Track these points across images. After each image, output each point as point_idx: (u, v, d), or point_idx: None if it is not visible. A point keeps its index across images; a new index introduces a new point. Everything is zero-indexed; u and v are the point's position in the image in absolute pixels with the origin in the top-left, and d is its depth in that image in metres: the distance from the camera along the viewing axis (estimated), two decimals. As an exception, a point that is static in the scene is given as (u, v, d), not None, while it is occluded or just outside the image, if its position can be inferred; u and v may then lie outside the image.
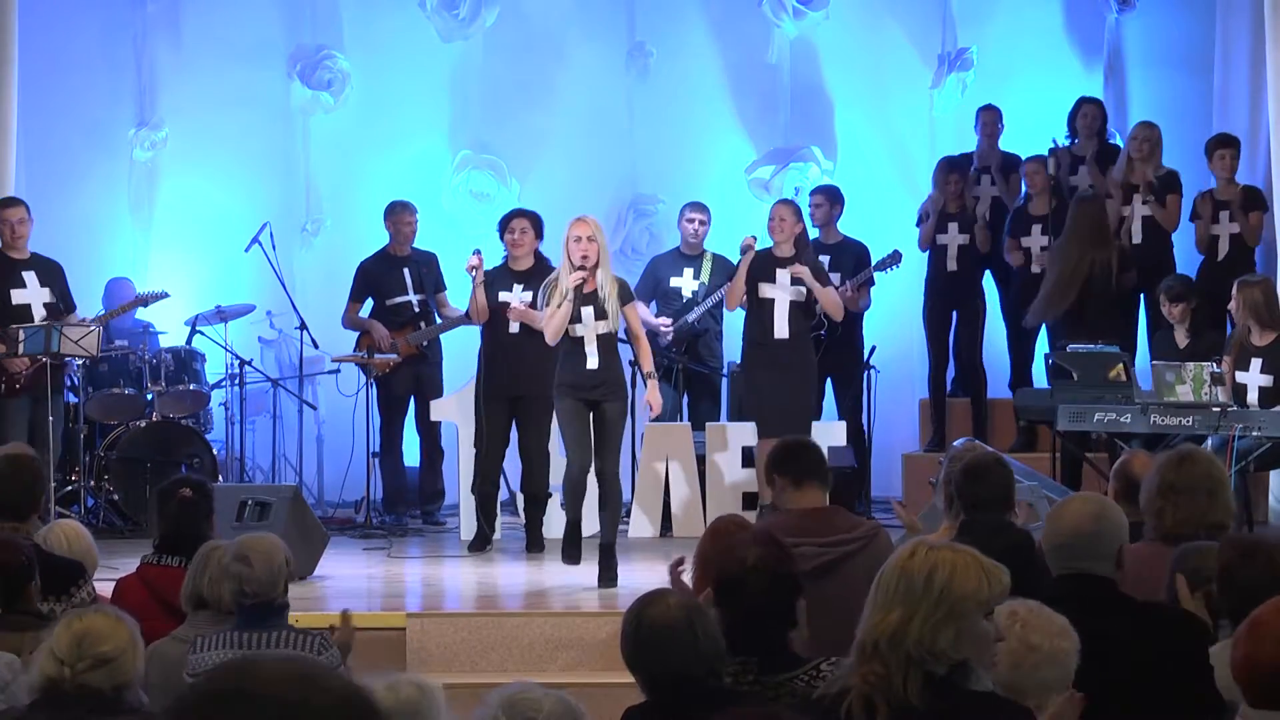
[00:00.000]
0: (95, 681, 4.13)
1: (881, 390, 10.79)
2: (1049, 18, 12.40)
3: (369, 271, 10.93)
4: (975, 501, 5.80)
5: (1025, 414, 10.20)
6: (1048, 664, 3.72)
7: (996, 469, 5.93)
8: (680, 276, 10.97)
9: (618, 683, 4.38)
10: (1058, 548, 4.53)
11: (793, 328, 9.64)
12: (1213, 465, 5.41)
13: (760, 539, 4.49)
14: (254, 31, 12.29)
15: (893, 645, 3.40)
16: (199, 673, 5.13)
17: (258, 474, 11.67)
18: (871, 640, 3.43)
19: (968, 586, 3.44)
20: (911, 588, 3.42)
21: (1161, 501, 5.25)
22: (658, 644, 3.95)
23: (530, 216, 9.75)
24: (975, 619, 3.43)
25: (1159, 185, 10.75)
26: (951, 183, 11.18)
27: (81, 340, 9.73)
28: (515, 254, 9.64)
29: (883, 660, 3.40)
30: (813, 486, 5.94)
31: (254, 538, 5.43)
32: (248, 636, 5.19)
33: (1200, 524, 5.18)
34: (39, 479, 6.50)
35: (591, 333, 8.45)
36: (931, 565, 3.44)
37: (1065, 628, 3.77)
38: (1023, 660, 3.69)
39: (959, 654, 3.42)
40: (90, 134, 12.12)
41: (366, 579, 8.96)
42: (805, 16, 12.36)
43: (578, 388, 8.51)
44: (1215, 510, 5.26)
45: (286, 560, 5.36)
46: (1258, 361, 9.25)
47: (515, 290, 9.54)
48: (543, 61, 12.40)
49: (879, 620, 3.43)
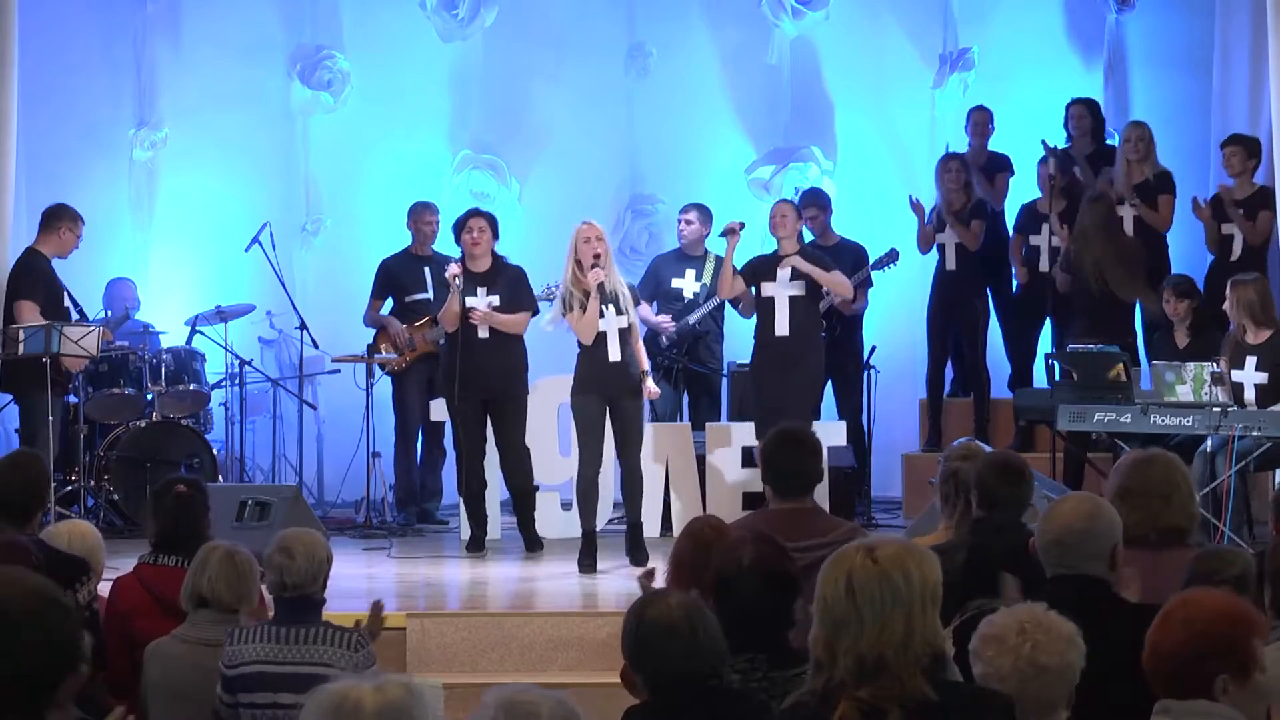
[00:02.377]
0: None
1: (881, 390, 10.79)
2: (1049, 17, 12.41)
3: (391, 269, 10.92)
4: (997, 501, 5.67)
5: (1025, 414, 10.20)
6: (1056, 681, 3.69)
7: (1028, 474, 5.80)
8: (682, 277, 10.97)
9: (618, 683, 4.38)
10: (1049, 546, 4.53)
11: (794, 324, 9.62)
12: (1172, 469, 5.34)
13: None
14: (254, 31, 12.29)
15: (900, 653, 3.38)
16: (235, 664, 5.17)
17: (258, 474, 11.67)
18: (874, 654, 3.39)
19: (934, 572, 3.47)
20: (897, 591, 3.40)
21: (1118, 504, 5.22)
22: (659, 644, 3.95)
23: (487, 216, 9.67)
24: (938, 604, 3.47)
25: (1152, 185, 10.74)
26: (953, 170, 11.14)
27: (81, 340, 9.73)
28: (474, 253, 9.54)
29: (892, 671, 3.38)
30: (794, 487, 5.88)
31: (298, 531, 5.48)
32: (285, 631, 5.22)
33: (1153, 527, 5.15)
34: (44, 480, 6.47)
35: (614, 327, 8.73)
36: (898, 563, 3.43)
37: (1072, 637, 3.72)
38: (1030, 680, 3.65)
39: (939, 641, 3.45)
40: (90, 134, 12.12)
41: (366, 579, 8.96)
42: (805, 16, 12.36)
43: (600, 381, 8.71)
44: (1169, 514, 5.22)
45: (328, 557, 5.40)
46: (1252, 360, 9.25)
47: (480, 294, 9.48)
48: (543, 62, 12.40)
49: (875, 636, 3.39)
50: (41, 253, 10.14)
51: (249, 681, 5.17)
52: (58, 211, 10.22)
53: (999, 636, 3.70)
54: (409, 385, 10.85)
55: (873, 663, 3.39)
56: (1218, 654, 3.58)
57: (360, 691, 2.85)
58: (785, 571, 4.30)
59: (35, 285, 10.02)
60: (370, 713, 2.82)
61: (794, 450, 5.92)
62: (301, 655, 5.19)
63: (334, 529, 10.06)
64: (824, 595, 3.47)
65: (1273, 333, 9.29)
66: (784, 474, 5.89)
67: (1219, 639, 3.59)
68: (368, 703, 2.83)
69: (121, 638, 5.84)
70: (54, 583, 2.54)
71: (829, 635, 3.45)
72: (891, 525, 10.42)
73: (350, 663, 5.17)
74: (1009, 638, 3.67)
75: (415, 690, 2.88)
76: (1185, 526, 5.27)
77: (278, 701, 5.15)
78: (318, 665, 5.13)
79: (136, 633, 5.75)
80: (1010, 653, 3.66)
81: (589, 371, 8.78)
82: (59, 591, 2.60)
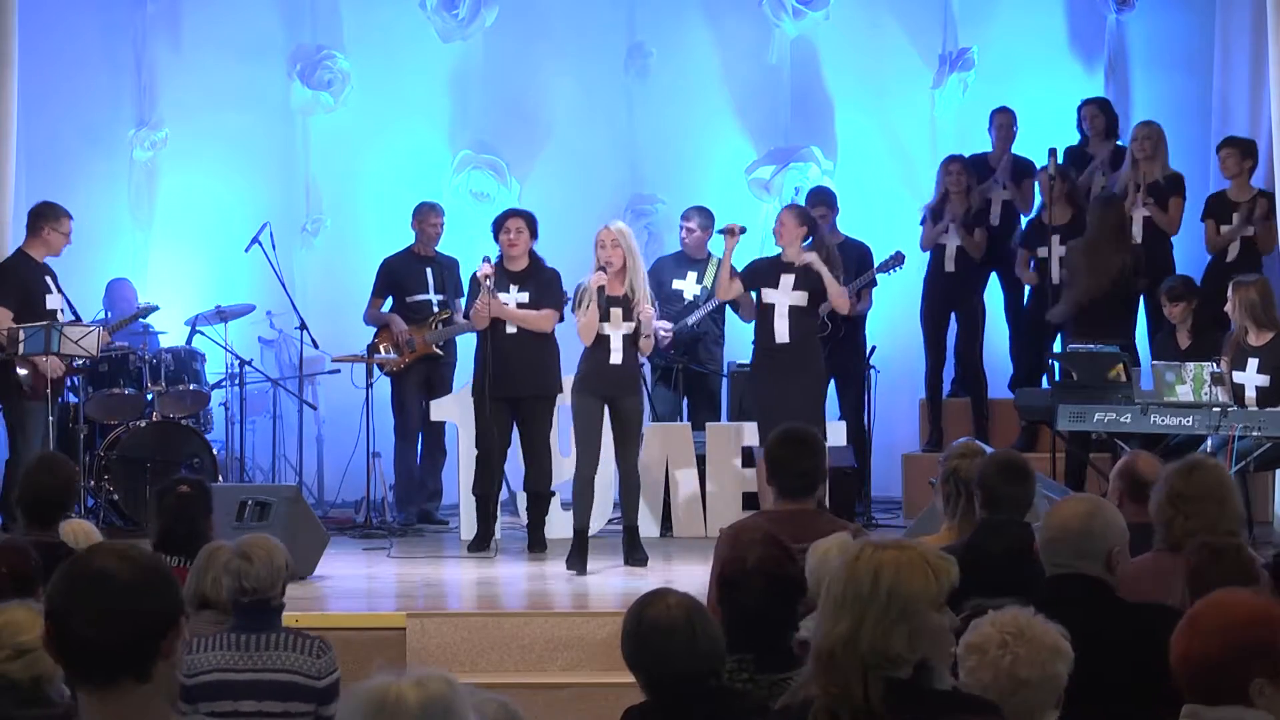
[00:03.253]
0: (12, 672, 4.15)
1: (881, 390, 10.79)
2: (1050, 18, 12.40)
3: (393, 268, 10.92)
4: (1000, 501, 5.65)
5: (1026, 414, 10.20)
6: (1036, 693, 3.67)
7: (1031, 474, 5.80)
8: (683, 279, 10.97)
9: (618, 683, 4.38)
10: (1048, 545, 4.54)
11: (794, 332, 9.63)
12: (1222, 473, 5.39)
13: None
14: (254, 31, 12.29)
15: (847, 654, 3.33)
16: (195, 674, 5.13)
17: (258, 474, 11.67)
18: (826, 650, 3.37)
19: (914, 585, 3.39)
20: (859, 593, 3.36)
21: (1172, 511, 5.23)
22: (658, 643, 3.95)
23: (525, 216, 9.74)
24: (927, 616, 3.39)
25: (1163, 186, 10.74)
26: (953, 173, 11.14)
27: (81, 340, 9.73)
28: (511, 254, 9.63)
29: (839, 670, 3.34)
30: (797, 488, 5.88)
31: (256, 537, 5.44)
32: (244, 638, 5.19)
33: (1211, 533, 5.15)
34: (75, 482, 6.63)
35: (618, 332, 8.78)
36: (876, 567, 3.38)
37: (1056, 647, 3.67)
38: (1010, 694, 3.64)
39: (915, 654, 3.37)
40: (90, 134, 12.12)
41: (366, 579, 8.97)
42: (805, 16, 12.35)
43: (599, 380, 8.74)
44: (1225, 519, 5.24)
45: (286, 563, 5.36)
46: (1254, 361, 9.24)
47: (512, 291, 9.54)
48: (543, 61, 12.40)
49: (829, 629, 3.37)
50: (29, 255, 10.12)
51: (209, 690, 5.12)
52: (39, 211, 10.20)
53: (981, 646, 3.67)
54: (407, 386, 10.85)
55: (825, 658, 3.36)
56: (1254, 657, 3.47)
57: (401, 687, 2.84)
58: (789, 575, 4.30)
59: (6, 289, 10.01)
60: (414, 707, 2.82)
61: (796, 451, 5.93)
62: (262, 662, 5.15)
63: (334, 529, 10.05)
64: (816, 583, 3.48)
65: (1275, 334, 9.28)
66: (787, 475, 5.90)
67: (1255, 642, 3.48)
68: (410, 698, 2.83)
69: (122, 638, 5.82)
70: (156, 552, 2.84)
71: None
72: (891, 525, 10.42)
73: (314, 669, 5.15)
74: (989, 649, 3.65)
75: (456, 685, 2.87)
76: (1235, 530, 5.28)
77: (239, 710, 5.12)
78: (280, 671, 5.12)
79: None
80: (990, 666, 3.64)
81: (589, 371, 8.85)
82: (159, 559, 2.99)
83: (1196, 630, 3.53)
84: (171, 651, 2.91)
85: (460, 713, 2.85)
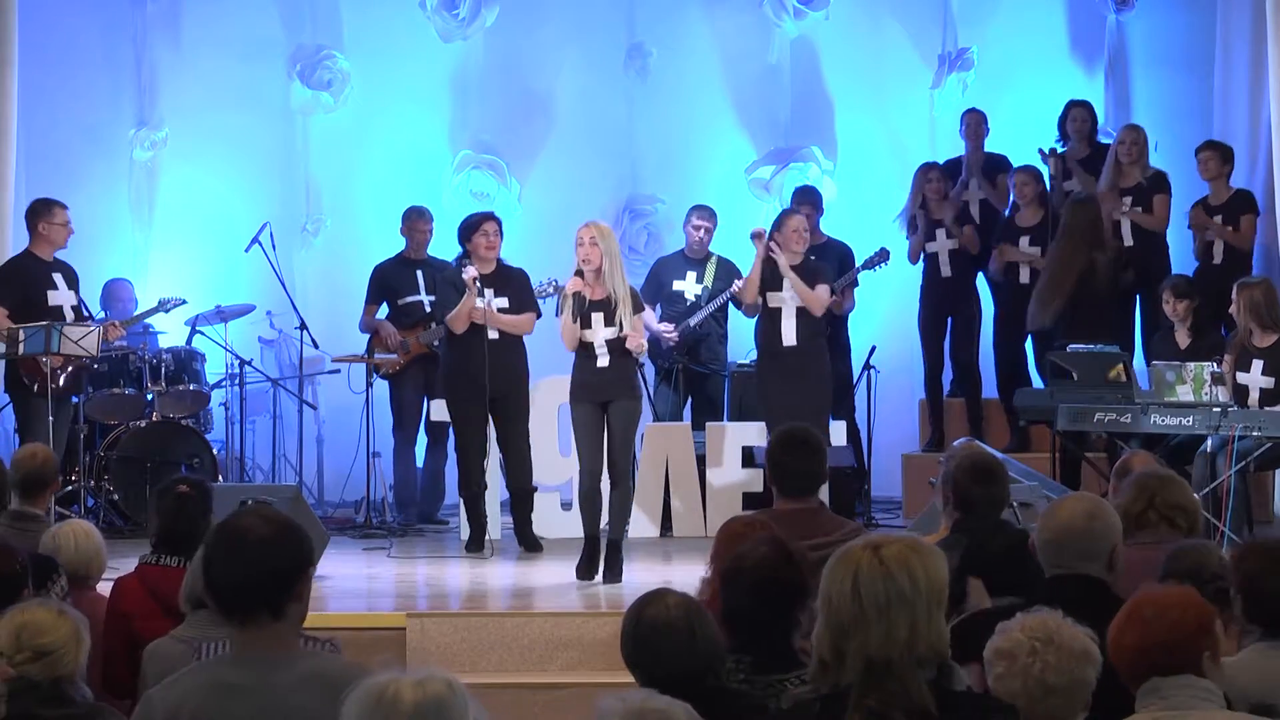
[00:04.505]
0: (33, 673, 4.16)
1: (881, 390, 10.77)
2: (1049, 18, 12.40)
3: (385, 273, 10.94)
4: (972, 502, 5.72)
5: (1025, 414, 10.19)
6: (1066, 700, 3.65)
7: (1000, 474, 5.86)
8: (684, 280, 10.95)
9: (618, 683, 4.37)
10: (1048, 545, 4.54)
11: (800, 334, 9.64)
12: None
13: (770, 541, 4.46)
14: (254, 31, 12.29)
15: (904, 657, 3.32)
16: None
17: (258, 474, 11.67)
18: (883, 658, 3.32)
19: (939, 572, 3.41)
20: (902, 592, 3.34)
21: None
22: (657, 643, 3.95)
23: (498, 221, 9.74)
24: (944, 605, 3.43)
25: (1145, 186, 10.75)
26: (932, 180, 11.18)
27: (81, 340, 9.73)
28: (486, 256, 9.56)
29: (898, 676, 3.32)
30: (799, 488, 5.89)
31: None
32: None
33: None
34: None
35: (601, 338, 8.57)
36: (903, 563, 3.37)
37: (1086, 652, 3.67)
38: (1039, 701, 3.62)
39: (945, 647, 3.39)
40: (90, 134, 12.12)
41: (366, 579, 8.96)
42: (805, 16, 12.36)
43: (590, 388, 8.62)
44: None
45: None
46: (1259, 363, 9.23)
47: (488, 295, 9.49)
48: (543, 61, 12.40)
49: (884, 636, 3.32)
50: (35, 254, 10.14)
51: None
52: (31, 209, 10.21)
53: (1010, 653, 3.65)
54: (406, 386, 10.86)
55: (880, 666, 3.33)
56: (1198, 634, 3.77)
57: (400, 685, 2.85)
58: (788, 578, 4.28)
59: (5, 289, 10.01)
60: (409, 706, 2.82)
61: (798, 450, 5.94)
62: None
63: (334, 529, 10.05)
64: (829, 594, 3.42)
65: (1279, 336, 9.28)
66: (789, 474, 5.91)
67: (1196, 621, 3.78)
68: (407, 696, 2.84)
69: (122, 638, 5.84)
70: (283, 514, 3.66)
71: (834, 636, 3.40)
72: (891, 525, 10.42)
73: None
74: (1020, 655, 3.63)
75: (457, 688, 2.88)
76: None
77: None
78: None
79: (137, 633, 5.75)
80: (1020, 674, 3.62)
81: (579, 379, 8.66)
82: (292, 521, 3.60)
83: (1141, 619, 3.79)
84: (302, 595, 3.52)
85: (456, 716, 2.85)
